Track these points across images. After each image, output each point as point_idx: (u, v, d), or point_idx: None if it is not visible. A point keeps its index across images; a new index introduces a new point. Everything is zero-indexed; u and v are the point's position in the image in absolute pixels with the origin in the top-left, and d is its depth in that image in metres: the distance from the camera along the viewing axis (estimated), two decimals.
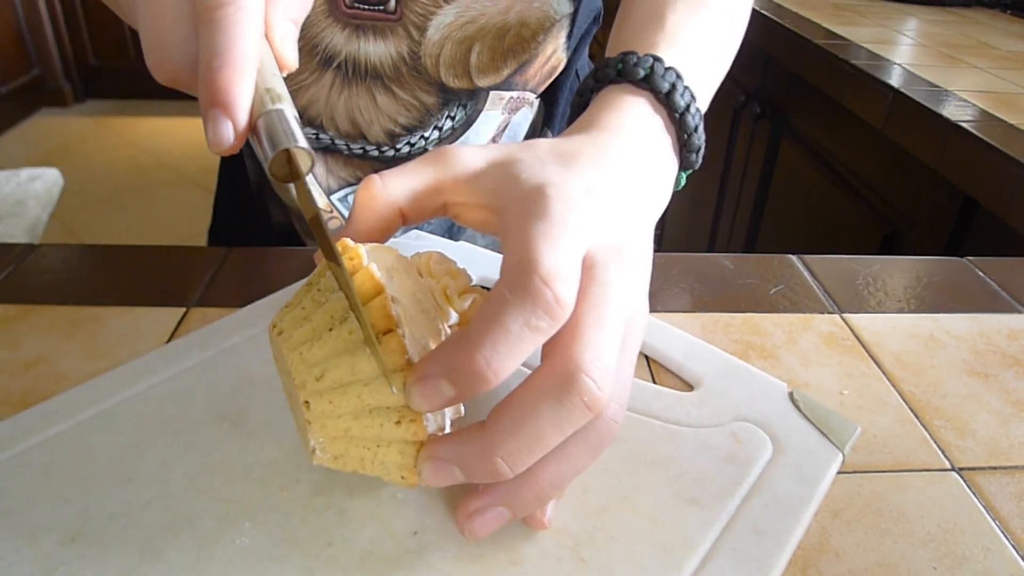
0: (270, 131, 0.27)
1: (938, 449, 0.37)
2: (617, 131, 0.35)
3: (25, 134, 3.32)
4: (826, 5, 1.41)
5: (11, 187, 1.52)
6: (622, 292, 0.28)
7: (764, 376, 0.40)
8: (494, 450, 0.26)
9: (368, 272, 0.27)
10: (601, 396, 0.26)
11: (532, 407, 0.26)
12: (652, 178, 0.35)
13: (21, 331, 0.43)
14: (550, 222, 0.27)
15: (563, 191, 0.29)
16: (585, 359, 0.26)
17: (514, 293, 0.26)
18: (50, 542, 0.29)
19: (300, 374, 0.28)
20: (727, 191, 1.48)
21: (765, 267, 0.52)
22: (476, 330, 0.26)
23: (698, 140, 0.38)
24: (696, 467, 0.34)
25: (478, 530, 0.29)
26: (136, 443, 0.34)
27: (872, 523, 0.32)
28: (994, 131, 0.82)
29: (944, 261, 0.54)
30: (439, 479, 0.28)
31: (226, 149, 0.27)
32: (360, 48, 0.57)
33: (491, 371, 0.25)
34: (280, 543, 0.30)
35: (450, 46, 0.57)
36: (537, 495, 0.28)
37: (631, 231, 0.31)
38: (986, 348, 0.45)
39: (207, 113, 0.27)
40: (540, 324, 0.26)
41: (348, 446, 0.29)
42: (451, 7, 0.56)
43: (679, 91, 0.37)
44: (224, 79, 0.26)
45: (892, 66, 1.03)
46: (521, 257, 0.27)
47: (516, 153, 0.32)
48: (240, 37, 0.27)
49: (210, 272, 0.49)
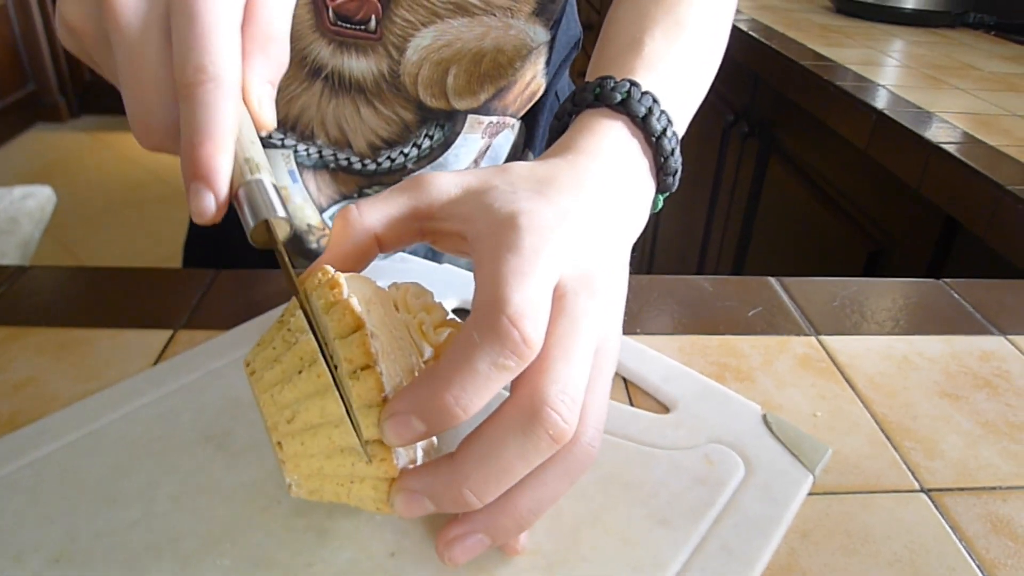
0: (251, 201, 0.28)
1: (907, 470, 0.38)
2: (594, 154, 0.35)
3: (20, 149, 3.33)
4: (813, 26, 1.43)
5: (4, 204, 1.53)
6: (591, 322, 0.29)
7: (739, 398, 0.41)
8: (463, 482, 0.27)
9: (349, 305, 0.28)
10: (566, 428, 0.27)
11: (499, 440, 0.27)
12: (628, 201, 0.36)
13: (11, 352, 0.43)
14: (521, 256, 0.28)
15: (535, 220, 0.30)
16: (551, 393, 0.27)
17: (482, 334, 0.27)
18: (36, 562, 0.30)
19: (272, 416, 0.28)
20: (716, 208, 1.50)
21: (744, 289, 0.53)
22: (445, 369, 0.26)
23: (675, 163, 0.38)
24: (668, 489, 0.35)
25: (458, 557, 0.29)
26: (122, 464, 0.35)
27: (840, 544, 0.33)
28: (975, 153, 0.83)
29: (920, 283, 0.55)
30: (411, 510, 0.28)
31: (209, 219, 0.28)
32: (344, 63, 0.59)
33: (460, 408, 0.26)
34: (260, 564, 0.30)
35: (428, 67, 0.59)
36: (516, 522, 0.29)
37: (604, 257, 0.32)
38: (958, 370, 0.46)
39: (189, 186, 0.28)
40: (508, 363, 0.26)
41: (322, 483, 0.29)
42: (428, 30, 0.57)
43: (655, 115, 0.37)
44: (205, 154, 0.27)
45: (877, 88, 1.05)
46: (490, 295, 0.27)
47: (491, 179, 0.32)
48: (219, 112, 0.28)
49: (197, 295, 0.49)
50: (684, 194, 1.68)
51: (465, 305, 0.48)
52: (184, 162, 0.28)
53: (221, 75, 0.28)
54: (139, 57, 0.29)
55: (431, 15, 0.56)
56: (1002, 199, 0.76)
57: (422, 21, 0.57)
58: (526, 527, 0.29)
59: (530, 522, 0.29)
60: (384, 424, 0.27)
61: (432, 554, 0.31)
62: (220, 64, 0.28)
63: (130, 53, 0.29)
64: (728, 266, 1.44)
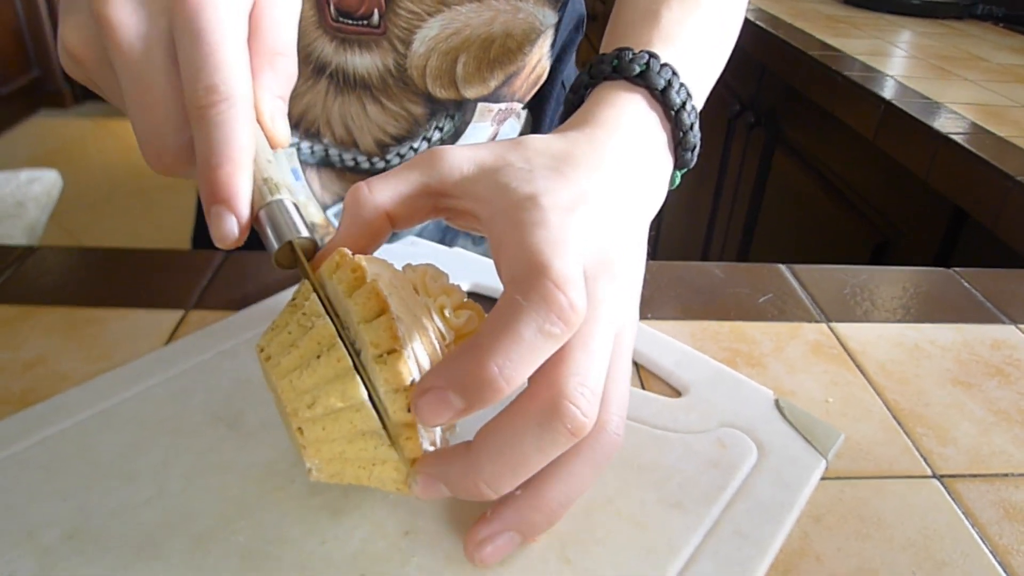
0: (273, 223, 0.28)
1: (920, 457, 0.38)
2: (612, 128, 0.34)
3: (24, 135, 3.32)
4: (820, 17, 1.42)
5: (10, 188, 1.53)
6: (611, 309, 0.28)
7: (751, 383, 0.40)
8: (478, 473, 0.26)
9: (374, 288, 0.27)
10: (585, 421, 0.26)
11: (516, 433, 0.26)
12: (647, 177, 0.35)
13: (22, 332, 0.43)
14: (551, 230, 0.27)
15: (556, 200, 0.29)
16: (570, 385, 0.26)
17: (527, 298, 0.25)
18: (50, 538, 0.30)
19: (292, 402, 0.28)
20: (721, 199, 1.49)
21: (754, 276, 0.53)
22: (487, 337, 0.25)
23: (693, 138, 0.37)
24: (681, 472, 0.34)
25: (489, 558, 0.29)
26: (135, 443, 0.35)
27: (853, 529, 0.33)
28: (984, 143, 0.83)
29: (931, 272, 0.55)
30: (429, 493, 0.28)
31: (232, 243, 0.28)
32: (348, 60, 0.58)
33: (503, 379, 0.25)
34: (275, 542, 0.30)
35: (436, 57, 0.58)
36: (547, 516, 0.28)
37: (622, 239, 0.31)
38: (970, 358, 0.45)
39: (210, 210, 0.27)
40: (554, 330, 0.25)
41: (344, 466, 0.29)
42: (435, 20, 0.56)
43: (675, 88, 0.36)
44: (224, 176, 0.27)
45: (884, 78, 1.04)
46: (530, 263, 0.26)
47: (506, 155, 0.31)
48: (234, 133, 0.27)
49: (208, 275, 0.49)
50: (689, 184, 1.67)
51: (477, 289, 0.48)
52: (203, 185, 0.27)
53: (234, 94, 0.27)
54: (145, 79, 0.28)
55: (438, 4, 0.55)
56: (1011, 190, 0.75)
57: (428, 11, 0.56)
58: (556, 520, 0.29)
59: (560, 515, 0.29)
60: (419, 402, 0.25)
61: (446, 533, 0.31)
62: (232, 83, 0.27)
63: (135, 76, 0.28)
64: (732, 257, 1.44)
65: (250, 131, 0.28)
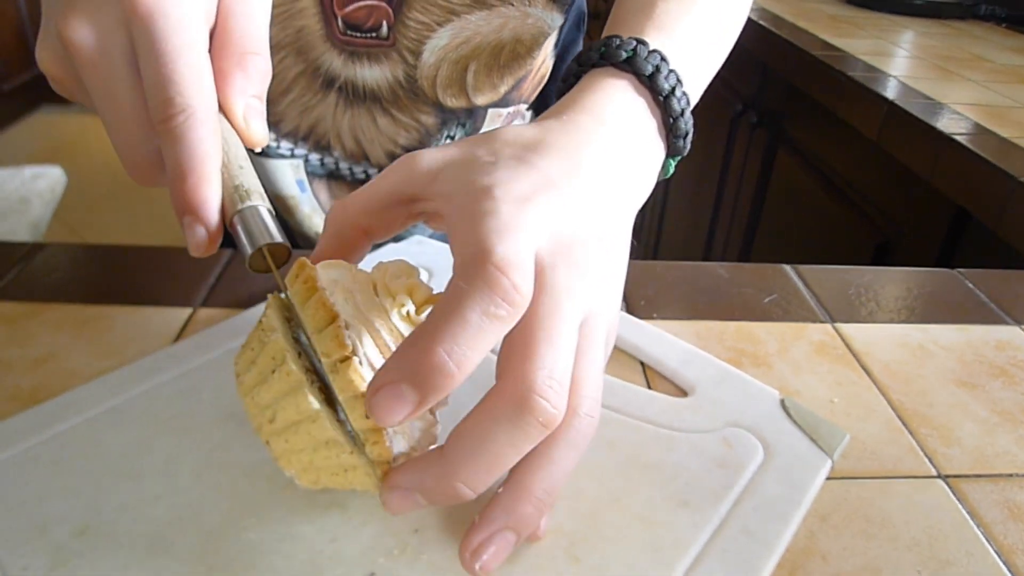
0: (246, 229, 0.28)
1: (925, 457, 0.38)
2: (595, 113, 0.34)
3: (26, 131, 3.32)
4: (823, 16, 1.42)
5: (15, 185, 1.53)
6: (572, 296, 0.28)
7: (756, 383, 0.41)
8: (454, 475, 0.26)
9: (321, 298, 0.27)
10: (555, 413, 0.26)
11: (488, 431, 0.26)
12: (632, 163, 0.34)
13: (31, 329, 0.43)
14: (499, 218, 0.27)
15: (511, 191, 0.29)
16: (537, 379, 0.26)
17: (470, 282, 0.25)
18: (61, 534, 0.30)
19: (255, 417, 0.29)
20: (724, 198, 1.50)
21: (759, 276, 0.53)
22: (433, 324, 0.25)
23: (685, 125, 0.36)
24: (688, 471, 0.35)
25: (490, 563, 0.28)
26: (144, 439, 0.35)
27: (859, 528, 0.33)
28: (987, 144, 0.83)
29: (934, 272, 0.55)
30: (403, 507, 0.28)
31: (204, 251, 0.28)
32: (357, 73, 0.57)
33: (453, 363, 0.25)
34: (284, 538, 0.31)
35: (446, 67, 0.58)
36: (536, 507, 0.28)
37: (592, 226, 0.30)
38: (974, 358, 0.46)
39: (181, 221, 0.28)
40: (499, 312, 0.25)
41: (319, 475, 0.29)
42: (445, 29, 0.56)
43: (663, 74, 0.36)
44: (189, 187, 0.27)
45: (887, 78, 1.04)
46: (474, 249, 0.26)
47: (474, 149, 0.31)
48: (195, 143, 0.27)
49: (215, 273, 0.49)
50: (691, 184, 1.68)
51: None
52: (172, 197, 0.28)
53: (190, 104, 0.27)
54: (112, 94, 0.28)
55: (447, 13, 0.55)
56: (1014, 191, 0.75)
57: (437, 21, 0.55)
58: (546, 509, 0.29)
59: (549, 504, 0.29)
60: (372, 401, 0.25)
61: (455, 530, 0.31)
62: (187, 93, 0.27)
63: (103, 93, 0.28)
64: (734, 257, 1.44)
65: (211, 140, 0.28)
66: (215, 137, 0.28)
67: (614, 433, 0.37)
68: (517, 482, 0.28)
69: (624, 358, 0.43)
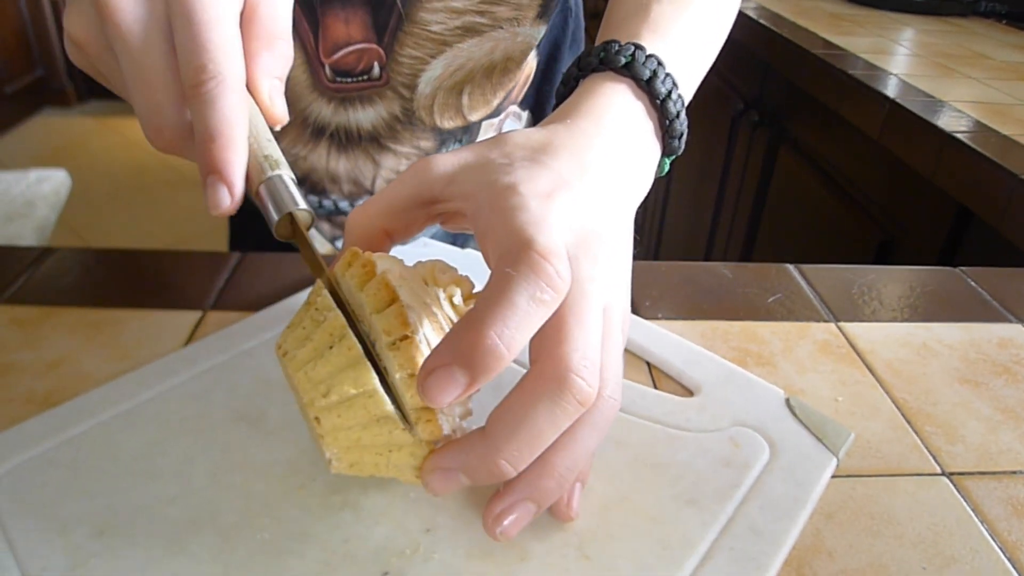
0: (273, 196, 0.30)
1: (929, 455, 0.38)
2: (597, 117, 0.35)
3: (28, 133, 3.33)
4: (824, 14, 1.43)
5: (20, 188, 1.54)
6: (597, 286, 0.30)
7: (761, 383, 0.41)
8: (497, 453, 0.28)
9: (384, 280, 0.29)
10: (590, 391, 0.28)
11: (529, 410, 0.27)
12: (632, 163, 0.36)
13: (43, 332, 0.44)
14: (531, 213, 0.29)
15: (535, 188, 0.30)
16: (574, 360, 0.27)
17: (517, 269, 0.27)
18: (79, 536, 0.31)
19: (307, 392, 0.29)
20: (725, 198, 1.50)
21: (763, 276, 0.54)
22: (484, 310, 0.27)
23: (680, 126, 0.38)
24: (695, 470, 0.35)
25: (510, 529, 0.30)
26: (159, 441, 0.36)
27: (864, 525, 0.34)
28: (988, 142, 0.83)
29: (937, 271, 0.56)
30: (446, 487, 0.29)
31: (224, 211, 0.29)
32: (350, 117, 0.57)
33: (504, 346, 0.26)
34: (298, 538, 0.31)
35: (442, 94, 0.58)
36: (557, 481, 0.30)
37: (604, 222, 0.32)
38: (977, 356, 0.46)
39: (205, 180, 0.29)
40: (545, 297, 0.27)
41: (361, 454, 0.30)
42: (438, 60, 0.56)
43: (660, 78, 0.37)
44: (217, 149, 0.29)
45: (888, 76, 1.05)
46: (515, 239, 0.28)
47: (487, 153, 0.33)
48: (224, 107, 0.29)
49: (225, 276, 0.50)
50: (692, 183, 1.68)
51: None
52: (199, 159, 0.29)
53: (222, 72, 0.29)
54: (144, 61, 0.30)
55: (439, 45, 0.55)
56: (1016, 189, 0.76)
57: (430, 54, 0.56)
58: (566, 485, 0.30)
59: (569, 480, 0.30)
60: (425, 383, 0.26)
61: (466, 529, 0.32)
62: (220, 61, 0.29)
63: (134, 59, 0.30)
64: (736, 256, 1.45)
65: (240, 106, 0.29)
66: (244, 105, 0.30)
67: (622, 433, 0.37)
68: (542, 459, 0.29)
69: (630, 358, 0.44)
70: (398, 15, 0.53)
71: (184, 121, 0.30)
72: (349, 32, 0.53)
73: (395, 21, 0.53)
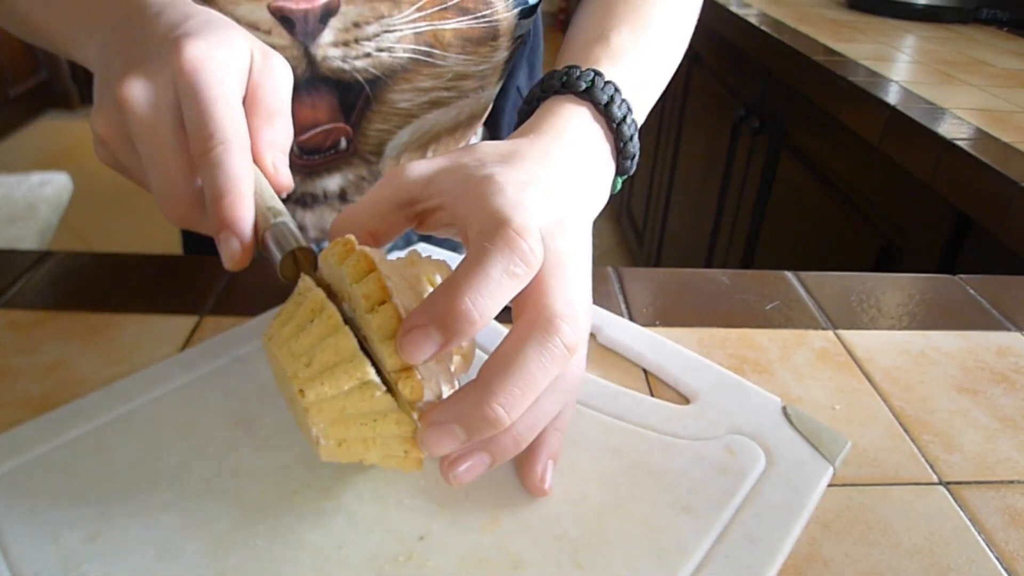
0: (276, 239, 0.32)
1: (926, 463, 0.38)
2: (559, 134, 0.38)
3: (31, 136, 3.34)
4: (824, 21, 1.43)
5: (22, 191, 1.54)
6: (573, 259, 0.31)
7: (758, 390, 0.41)
8: (492, 398, 0.28)
9: (363, 252, 0.30)
10: (576, 339, 0.29)
11: (520, 354, 0.28)
12: (591, 178, 0.38)
13: (39, 336, 0.44)
14: (508, 197, 0.31)
15: (510, 178, 0.32)
16: (558, 306, 0.29)
17: (493, 243, 0.29)
18: (72, 541, 0.31)
19: (291, 365, 0.30)
20: (725, 204, 1.50)
21: (761, 283, 0.53)
22: (460, 276, 0.28)
23: (633, 148, 0.41)
24: (691, 477, 0.35)
25: (462, 476, 0.31)
26: (154, 446, 0.35)
27: (861, 534, 0.34)
28: (988, 149, 0.83)
29: (936, 279, 0.56)
30: (441, 443, 0.29)
31: (238, 263, 0.32)
32: (316, 185, 0.59)
33: (476, 312, 0.28)
34: (292, 545, 0.31)
35: (407, 156, 0.60)
36: (514, 440, 0.31)
37: (570, 214, 0.34)
38: (975, 365, 0.46)
39: (218, 237, 0.31)
40: (517, 271, 0.29)
41: (347, 428, 0.30)
42: (405, 130, 0.58)
43: (616, 103, 0.40)
44: (226, 205, 0.31)
45: (889, 83, 1.05)
46: (492, 218, 0.30)
47: (460, 158, 0.35)
48: (231, 167, 0.31)
49: (222, 281, 0.50)
50: (693, 189, 1.68)
51: None
52: (211, 218, 0.31)
53: (228, 137, 0.32)
54: (157, 141, 0.33)
55: (407, 118, 0.57)
56: (1016, 196, 0.76)
57: (398, 126, 0.57)
58: (523, 445, 0.31)
59: (526, 440, 0.31)
60: (403, 340, 0.28)
61: (460, 537, 0.32)
62: (225, 129, 0.32)
63: (149, 139, 0.33)
64: (736, 262, 1.45)
65: (246, 166, 0.32)
66: (249, 165, 0.32)
67: (618, 440, 0.37)
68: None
69: (627, 365, 0.44)
70: (366, 97, 0.55)
71: (196, 193, 0.33)
72: (316, 115, 0.55)
73: (363, 102, 0.55)
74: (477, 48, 0.55)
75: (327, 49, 0.51)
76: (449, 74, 0.55)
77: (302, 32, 0.50)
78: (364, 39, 0.51)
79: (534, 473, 0.33)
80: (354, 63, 0.52)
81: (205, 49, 0.33)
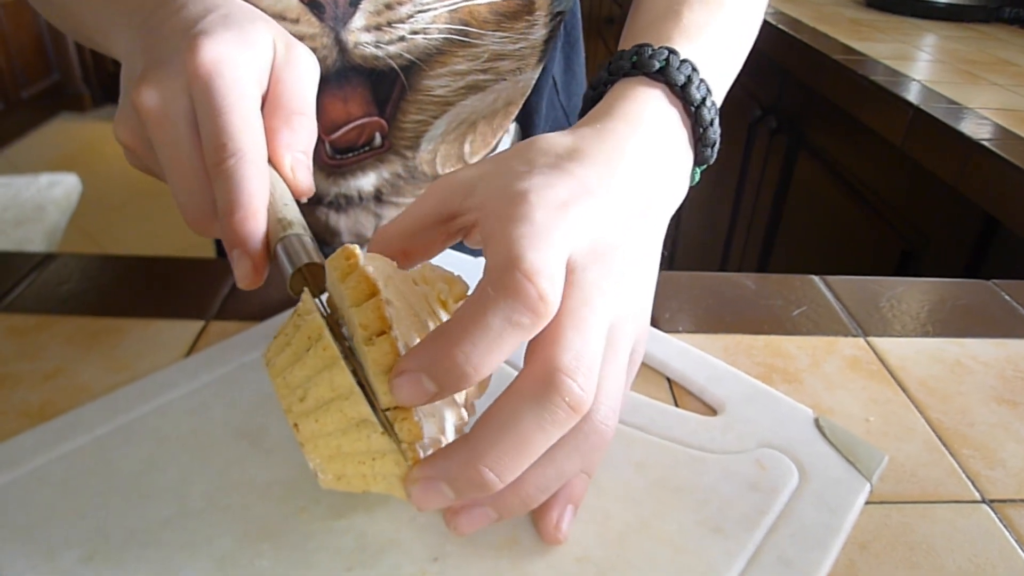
0: (287, 254, 0.30)
1: (967, 480, 0.36)
2: (633, 122, 0.34)
3: (44, 138, 3.35)
4: (843, 20, 1.40)
5: (31, 192, 1.53)
6: (604, 295, 0.28)
7: (789, 401, 0.39)
8: (479, 459, 0.26)
9: (363, 273, 0.27)
10: (584, 396, 0.26)
11: (513, 412, 0.26)
12: (666, 171, 0.35)
13: (41, 341, 0.42)
14: (533, 225, 0.27)
15: (547, 196, 0.29)
16: (564, 359, 0.26)
17: (496, 289, 0.25)
18: (68, 560, 0.29)
19: (285, 398, 0.28)
20: (742, 205, 1.48)
21: (787, 287, 0.51)
22: (456, 325, 0.25)
23: (713, 134, 0.37)
24: (720, 495, 0.33)
25: (463, 526, 0.29)
26: (155, 458, 0.34)
27: (902, 556, 0.32)
28: (1015, 149, 0.81)
29: (968, 283, 0.54)
30: (428, 500, 0.27)
31: (250, 282, 0.30)
32: (350, 184, 0.57)
33: (471, 367, 0.25)
34: (299, 566, 0.29)
35: (444, 148, 0.57)
36: (522, 500, 0.28)
37: (624, 233, 0.30)
38: (1014, 374, 0.44)
39: (230, 255, 0.30)
40: (522, 320, 0.25)
41: (344, 465, 0.28)
42: (441, 120, 0.55)
43: (695, 84, 0.36)
44: (237, 221, 0.30)
45: (910, 82, 1.02)
46: (505, 255, 0.26)
47: (510, 160, 0.32)
48: (243, 181, 0.30)
49: (229, 285, 0.48)
50: (708, 190, 1.66)
51: None
52: (222, 235, 0.30)
53: (241, 148, 0.30)
54: (174, 149, 0.32)
55: (443, 106, 0.55)
56: None
57: (434, 115, 0.55)
58: (532, 506, 0.29)
59: (536, 500, 0.28)
60: (394, 382, 0.25)
61: (475, 559, 0.30)
62: (238, 139, 0.30)
63: (166, 148, 0.32)
64: (752, 265, 1.42)
65: (259, 179, 0.30)
66: (263, 178, 0.31)
67: (641, 454, 0.35)
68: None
69: (649, 374, 0.42)
70: (400, 86, 0.52)
71: (214, 203, 0.31)
72: (348, 110, 0.53)
73: (397, 92, 0.53)
74: (513, 24, 0.52)
75: (359, 34, 0.49)
76: (486, 54, 0.53)
77: (332, 17, 0.48)
78: (397, 21, 0.49)
79: (548, 519, 0.30)
80: (387, 48, 0.50)
81: (222, 50, 0.31)
